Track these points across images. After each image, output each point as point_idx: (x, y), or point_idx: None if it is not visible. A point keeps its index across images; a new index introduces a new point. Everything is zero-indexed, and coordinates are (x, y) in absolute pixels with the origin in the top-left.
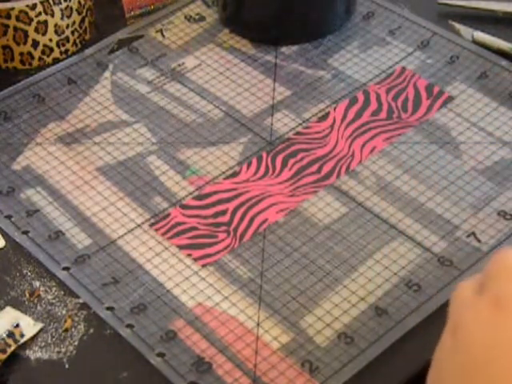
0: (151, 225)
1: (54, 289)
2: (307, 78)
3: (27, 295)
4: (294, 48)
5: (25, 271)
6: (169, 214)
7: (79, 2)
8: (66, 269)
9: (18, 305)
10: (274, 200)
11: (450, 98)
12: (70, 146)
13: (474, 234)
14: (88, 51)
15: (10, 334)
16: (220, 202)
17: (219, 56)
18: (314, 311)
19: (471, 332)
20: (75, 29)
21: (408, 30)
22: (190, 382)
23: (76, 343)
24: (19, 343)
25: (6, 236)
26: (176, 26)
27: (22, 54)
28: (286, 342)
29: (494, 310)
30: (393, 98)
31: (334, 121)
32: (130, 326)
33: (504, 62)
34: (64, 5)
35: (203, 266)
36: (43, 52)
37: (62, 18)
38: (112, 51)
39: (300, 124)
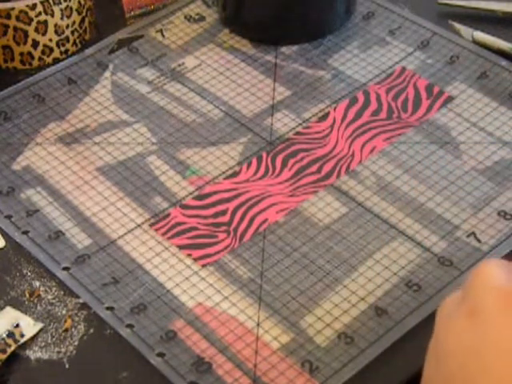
0: (151, 225)
1: (54, 289)
2: (307, 78)
3: (27, 295)
4: (294, 48)
5: (25, 271)
6: (169, 214)
7: (79, 2)
8: (66, 269)
9: (18, 305)
10: (274, 200)
11: (450, 98)
12: (70, 145)
13: (474, 233)
14: (88, 51)
15: (10, 334)
16: (220, 201)
17: (219, 56)
18: (314, 311)
19: (448, 341)
20: (75, 29)
21: (408, 30)
22: (190, 382)
23: (76, 343)
24: (19, 343)
25: (5, 236)
26: (176, 26)
27: (22, 53)
28: (285, 342)
29: (469, 319)
30: (393, 98)
31: (334, 121)
32: (130, 325)
33: (504, 62)
34: (64, 5)
35: (203, 266)
36: (43, 52)
37: (61, 18)
38: (112, 51)
39: (300, 124)
